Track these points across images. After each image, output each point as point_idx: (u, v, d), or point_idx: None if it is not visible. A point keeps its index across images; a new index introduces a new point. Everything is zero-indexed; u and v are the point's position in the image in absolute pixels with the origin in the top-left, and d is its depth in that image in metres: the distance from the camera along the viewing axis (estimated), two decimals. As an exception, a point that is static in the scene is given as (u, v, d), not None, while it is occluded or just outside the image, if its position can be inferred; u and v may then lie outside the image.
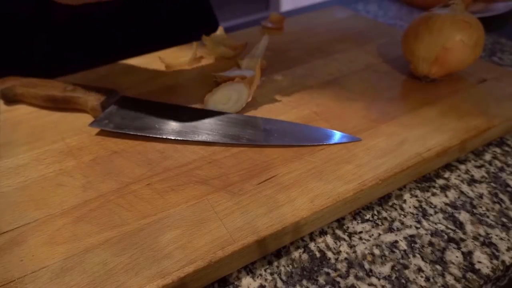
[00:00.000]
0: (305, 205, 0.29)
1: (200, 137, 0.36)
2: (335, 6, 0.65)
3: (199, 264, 0.26)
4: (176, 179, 0.33)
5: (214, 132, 0.37)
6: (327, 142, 0.35)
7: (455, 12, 0.40)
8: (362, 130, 0.37)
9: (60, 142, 0.38)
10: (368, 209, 0.33)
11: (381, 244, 0.30)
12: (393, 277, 0.28)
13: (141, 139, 0.37)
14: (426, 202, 0.33)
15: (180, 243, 0.27)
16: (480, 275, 0.27)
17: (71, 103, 0.42)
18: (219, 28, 0.55)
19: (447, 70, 0.41)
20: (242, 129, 0.37)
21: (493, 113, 0.38)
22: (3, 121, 0.42)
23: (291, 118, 0.39)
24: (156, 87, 0.45)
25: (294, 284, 0.27)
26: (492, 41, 0.57)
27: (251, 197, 0.30)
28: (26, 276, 0.26)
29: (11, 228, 0.29)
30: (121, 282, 0.25)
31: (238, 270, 0.29)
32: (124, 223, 0.29)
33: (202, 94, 0.42)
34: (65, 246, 0.28)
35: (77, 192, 0.32)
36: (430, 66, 0.41)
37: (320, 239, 0.30)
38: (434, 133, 0.36)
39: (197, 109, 0.40)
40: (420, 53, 0.41)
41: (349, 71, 0.46)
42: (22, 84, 0.43)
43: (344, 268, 0.28)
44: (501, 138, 0.39)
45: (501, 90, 0.41)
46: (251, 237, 0.27)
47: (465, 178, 0.35)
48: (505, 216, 0.32)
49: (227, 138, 0.36)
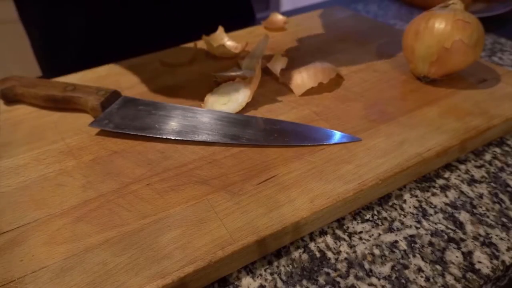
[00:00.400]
0: (305, 205, 0.29)
1: (200, 137, 0.36)
2: (335, 6, 0.65)
3: (199, 264, 0.26)
4: (176, 179, 0.33)
5: (214, 132, 0.37)
6: (327, 142, 0.35)
7: (455, 12, 0.40)
8: (362, 130, 0.37)
9: (60, 142, 0.38)
10: (368, 209, 0.33)
11: (381, 244, 0.30)
12: (393, 277, 0.28)
13: (141, 139, 0.37)
14: (426, 202, 0.33)
15: (180, 243, 0.27)
16: (480, 275, 0.27)
17: (71, 103, 0.42)
18: (219, 28, 0.55)
19: (447, 70, 0.41)
20: (242, 129, 0.37)
21: (493, 113, 0.38)
22: (3, 121, 0.42)
23: (291, 118, 0.39)
24: (156, 87, 0.45)
25: (294, 284, 0.27)
26: (492, 41, 0.57)
27: (251, 197, 0.30)
28: (26, 276, 0.26)
29: (11, 228, 0.29)
30: (121, 282, 0.25)
31: (238, 270, 0.29)
32: (124, 223, 0.29)
33: (202, 94, 0.42)
34: (65, 246, 0.28)
35: (77, 192, 0.32)
36: (430, 66, 0.41)
37: (320, 239, 0.30)
38: (434, 133, 0.36)
39: (197, 109, 0.40)
40: (420, 53, 0.41)
41: (349, 71, 0.46)
42: (22, 84, 0.43)
43: (344, 268, 0.28)
44: (501, 138, 0.39)
45: (501, 90, 0.41)
46: (251, 237, 0.27)
47: (465, 178, 0.35)
48: (505, 216, 0.32)
49: (227, 138, 0.36)
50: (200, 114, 0.39)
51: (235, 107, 0.40)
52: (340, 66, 0.47)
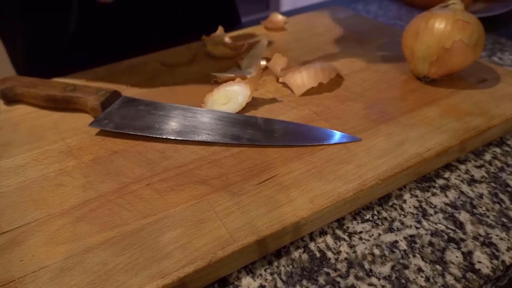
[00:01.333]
0: (305, 205, 0.29)
1: (200, 137, 0.36)
2: (335, 6, 0.65)
3: (199, 264, 0.26)
4: (176, 179, 0.33)
5: (214, 132, 0.37)
6: (327, 142, 0.35)
7: (455, 12, 0.40)
8: (362, 130, 0.37)
9: (60, 142, 0.38)
10: (368, 209, 0.33)
11: (381, 244, 0.30)
12: (393, 277, 0.28)
13: (141, 139, 0.37)
14: (426, 202, 0.33)
15: (180, 243, 0.27)
16: (480, 275, 0.27)
17: (71, 103, 0.42)
18: (219, 28, 0.55)
19: (447, 70, 0.41)
20: (243, 129, 0.37)
21: (493, 113, 0.38)
22: (3, 121, 0.42)
23: (291, 118, 0.39)
24: (156, 87, 0.45)
25: (294, 284, 0.27)
26: (492, 41, 0.57)
27: (251, 197, 0.30)
28: (26, 276, 0.26)
29: (11, 228, 0.29)
30: (121, 282, 0.25)
31: (238, 270, 0.29)
32: (124, 223, 0.29)
33: (202, 94, 0.42)
34: (65, 246, 0.28)
35: (77, 192, 0.32)
36: (430, 66, 0.41)
37: (320, 239, 0.30)
38: (434, 133, 0.36)
39: (197, 109, 0.40)
40: (420, 53, 0.41)
41: (349, 71, 0.46)
42: (22, 84, 0.43)
43: (344, 268, 0.28)
44: (501, 138, 0.39)
45: (501, 90, 0.41)
46: (251, 237, 0.27)
47: (465, 178, 0.35)
48: (505, 216, 0.32)
49: (227, 138, 0.36)
50: (200, 114, 0.39)
51: (235, 107, 0.40)
52: (340, 66, 0.47)
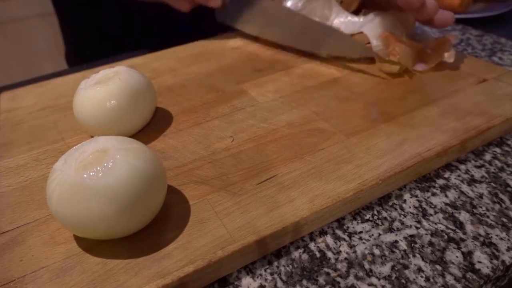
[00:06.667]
0: (305, 205, 0.29)
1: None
2: (335, 6, 0.65)
3: (199, 264, 0.26)
4: (176, 179, 0.33)
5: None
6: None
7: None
8: (362, 130, 0.37)
9: (60, 142, 0.38)
10: (368, 209, 0.33)
11: (381, 244, 0.30)
12: (393, 277, 0.28)
13: (141, 139, 0.37)
14: (426, 202, 0.33)
15: (180, 243, 0.27)
16: (480, 275, 0.27)
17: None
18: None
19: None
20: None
21: (493, 113, 0.38)
22: (3, 121, 0.42)
23: (291, 118, 0.39)
24: (155, 87, 0.45)
25: (294, 284, 0.27)
26: (492, 41, 0.57)
27: (251, 197, 0.30)
28: (26, 276, 0.26)
29: (11, 228, 0.29)
30: (121, 282, 0.25)
31: (238, 270, 0.29)
32: (124, 223, 0.29)
33: (202, 94, 0.42)
34: (65, 246, 0.28)
35: (77, 192, 0.32)
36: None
37: (320, 239, 0.30)
38: (434, 133, 0.36)
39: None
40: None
41: (349, 71, 0.46)
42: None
43: (344, 268, 0.28)
44: (501, 138, 0.39)
45: (501, 90, 0.41)
46: (251, 237, 0.27)
47: (465, 178, 0.35)
48: (505, 216, 0.32)
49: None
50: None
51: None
52: (340, 66, 0.47)
